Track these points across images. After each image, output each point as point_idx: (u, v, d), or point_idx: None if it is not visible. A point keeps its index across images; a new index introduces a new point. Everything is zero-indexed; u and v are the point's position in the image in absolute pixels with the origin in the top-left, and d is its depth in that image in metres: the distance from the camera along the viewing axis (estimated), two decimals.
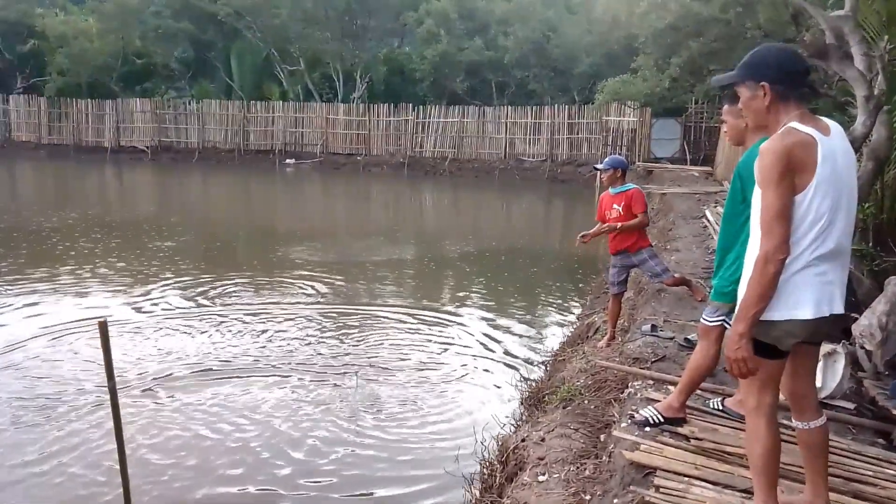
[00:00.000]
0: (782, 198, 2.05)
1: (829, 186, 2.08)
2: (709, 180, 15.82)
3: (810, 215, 2.08)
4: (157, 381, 5.41)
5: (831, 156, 2.09)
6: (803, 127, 2.10)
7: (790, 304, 2.12)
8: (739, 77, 2.25)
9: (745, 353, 2.09)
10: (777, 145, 2.08)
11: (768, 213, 2.07)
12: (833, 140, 2.13)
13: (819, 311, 2.13)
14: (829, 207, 2.09)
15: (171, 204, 16.91)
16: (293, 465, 4.24)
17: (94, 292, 8.04)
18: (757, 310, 2.09)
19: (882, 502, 2.54)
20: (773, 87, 2.16)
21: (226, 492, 3.96)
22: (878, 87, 4.58)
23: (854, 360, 3.69)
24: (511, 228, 14.93)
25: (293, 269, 9.38)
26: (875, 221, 5.50)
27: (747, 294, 2.10)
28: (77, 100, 27.21)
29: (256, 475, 4.12)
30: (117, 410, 2.81)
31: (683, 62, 15.58)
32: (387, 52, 27.27)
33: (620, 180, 5.14)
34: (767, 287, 2.07)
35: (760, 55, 2.23)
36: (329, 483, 4.06)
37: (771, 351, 2.17)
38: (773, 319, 2.13)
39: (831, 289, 2.15)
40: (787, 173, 2.05)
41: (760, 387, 2.21)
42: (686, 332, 4.50)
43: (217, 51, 28.06)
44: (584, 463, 3.24)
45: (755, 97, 2.20)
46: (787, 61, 2.18)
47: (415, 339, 6.58)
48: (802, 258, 2.11)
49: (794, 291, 2.12)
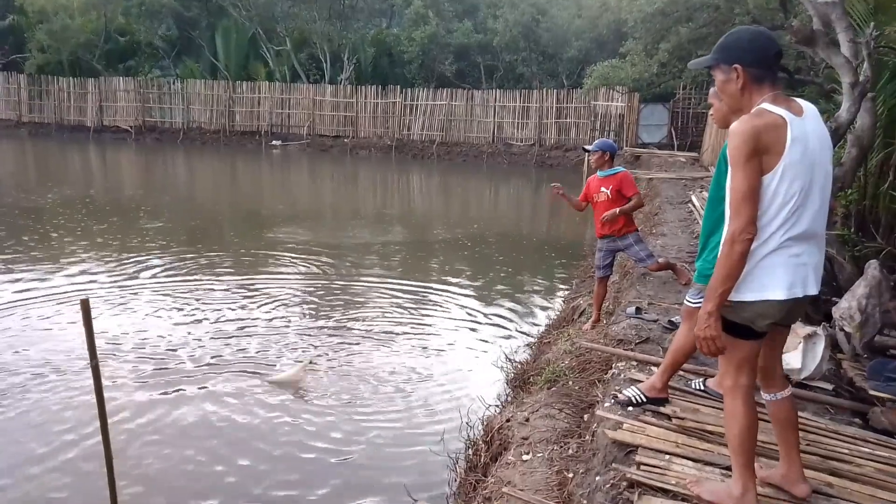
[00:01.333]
0: (749, 179, 2.06)
1: (799, 168, 2.09)
2: (695, 166, 15.91)
3: (779, 197, 2.09)
4: (139, 358, 5.38)
5: (802, 137, 2.10)
6: (774, 108, 2.11)
7: (762, 285, 2.14)
8: (714, 60, 2.26)
9: (713, 332, 2.12)
10: (745, 127, 2.08)
11: (736, 193, 2.08)
12: (805, 121, 2.13)
13: (791, 293, 2.15)
14: (800, 188, 2.10)
15: (155, 185, 16.69)
16: (273, 450, 4.25)
17: (76, 271, 7.95)
18: (724, 289, 2.11)
19: (857, 479, 2.60)
20: (747, 69, 2.16)
21: (209, 467, 3.97)
22: (863, 73, 4.61)
23: (833, 343, 3.76)
24: (498, 212, 14.94)
25: (278, 251, 9.34)
26: (857, 207, 5.57)
27: (715, 273, 2.12)
28: (58, 77, 26.65)
29: (234, 461, 4.13)
30: (100, 389, 2.79)
31: (672, 47, 15.55)
32: (375, 34, 26.94)
33: (608, 163, 5.14)
34: (734, 267, 2.09)
35: (733, 38, 2.23)
36: (312, 465, 4.08)
37: (745, 332, 2.21)
38: (746, 300, 2.16)
39: (805, 270, 2.17)
40: (754, 154, 2.06)
41: (737, 367, 2.25)
42: (670, 315, 4.55)
43: (202, 29, 27.56)
44: (568, 442, 3.29)
45: (729, 80, 2.21)
46: (759, 44, 2.18)
47: (400, 322, 6.60)
48: (773, 240, 2.12)
49: (766, 273, 2.14)
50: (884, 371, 3.29)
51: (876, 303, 3.57)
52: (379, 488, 3.83)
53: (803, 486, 2.38)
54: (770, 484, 2.43)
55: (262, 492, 3.77)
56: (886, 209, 5.34)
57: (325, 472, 4.00)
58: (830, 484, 2.54)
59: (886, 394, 3.16)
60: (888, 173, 5.40)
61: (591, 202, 5.21)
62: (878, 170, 5.60)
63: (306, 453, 4.18)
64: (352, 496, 3.77)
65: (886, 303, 3.63)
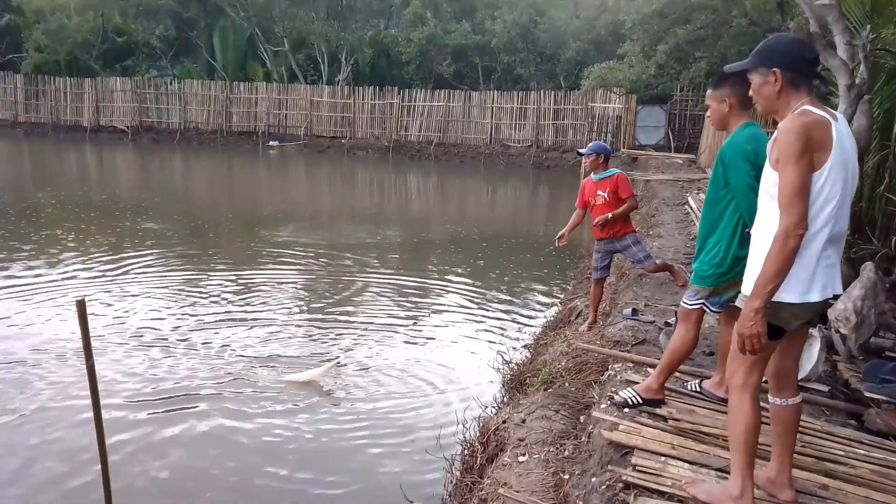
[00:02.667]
0: (802, 175, 2.08)
1: (840, 169, 2.12)
2: (692, 168, 15.93)
3: (823, 195, 2.11)
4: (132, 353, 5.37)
5: (841, 140, 2.14)
6: (817, 109, 2.15)
7: (805, 287, 2.15)
8: (752, 63, 2.30)
9: (759, 329, 2.10)
10: (796, 124, 2.11)
11: (788, 189, 2.08)
12: (840, 126, 2.18)
13: (825, 294, 2.18)
14: (841, 188, 2.14)
15: (152, 185, 16.66)
16: (269, 448, 4.24)
17: (73, 271, 7.93)
18: (774, 285, 2.09)
19: (852, 480, 2.60)
20: (784, 73, 2.20)
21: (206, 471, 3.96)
22: (859, 76, 4.62)
23: (829, 344, 3.76)
24: (495, 214, 14.94)
25: (273, 250, 9.33)
26: (854, 209, 5.58)
27: (764, 269, 2.10)
28: (55, 77, 26.57)
29: (229, 462, 4.12)
30: (96, 390, 2.78)
31: (670, 49, 15.60)
32: (373, 34, 26.93)
33: (603, 166, 5.15)
34: (785, 262, 2.08)
35: (772, 43, 2.28)
36: (304, 465, 4.07)
37: (777, 332, 2.21)
38: (787, 302, 2.16)
39: (833, 271, 2.20)
40: (806, 150, 2.08)
41: (751, 366, 2.25)
42: (666, 316, 4.55)
43: (200, 29, 27.52)
44: (564, 443, 3.28)
45: (766, 83, 2.25)
46: (797, 49, 2.24)
47: (397, 323, 6.59)
48: (818, 239, 2.13)
49: (808, 273, 2.15)
50: (879, 372, 3.29)
51: (871, 304, 3.58)
52: (374, 489, 3.82)
53: (789, 493, 2.38)
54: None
55: (257, 490, 3.76)
56: (882, 211, 5.35)
57: (319, 472, 3.99)
58: (825, 486, 2.54)
59: (882, 395, 3.17)
60: (884, 175, 5.42)
61: (589, 206, 5.21)
62: (874, 172, 5.62)
63: (298, 453, 4.17)
64: (346, 497, 3.76)
65: (882, 304, 3.64)
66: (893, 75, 5.40)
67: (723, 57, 15.40)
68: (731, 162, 2.93)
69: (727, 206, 3.01)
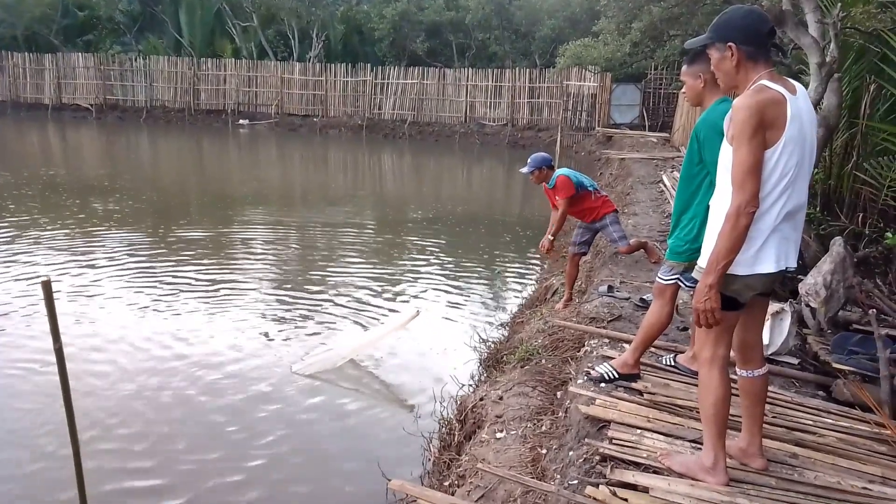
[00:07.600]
0: (754, 153, 2.09)
1: (795, 145, 2.13)
2: (666, 146, 16.08)
3: (777, 171, 2.13)
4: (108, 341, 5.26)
5: (798, 115, 2.14)
6: (773, 84, 2.15)
7: (755, 259, 2.19)
8: (709, 39, 2.30)
9: (713, 304, 2.15)
10: (750, 101, 2.11)
11: (741, 167, 2.10)
12: (798, 100, 2.18)
13: (778, 266, 2.21)
14: (796, 163, 2.15)
15: (118, 164, 16.21)
16: (244, 430, 4.21)
17: (36, 252, 7.70)
18: (726, 261, 2.13)
19: (820, 448, 2.68)
20: (741, 47, 2.20)
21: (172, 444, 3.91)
22: (830, 54, 4.67)
23: (800, 318, 3.85)
24: (471, 193, 14.91)
25: (245, 230, 9.19)
26: (822, 187, 5.69)
27: (717, 246, 2.14)
28: (13, 53, 25.56)
29: (207, 442, 4.08)
30: (65, 372, 2.70)
31: (644, 27, 15.55)
32: (344, 10, 26.39)
33: (548, 175, 5.22)
34: (737, 240, 2.12)
35: (727, 17, 2.27)
36: (282, 442, 4.05)
37: (730, 303, 2.24)
38: (738, 274, 2.20)
39: (787, 245, 2.23)
40: (759, 129, 2.09)
41: (716, 339, 2.29)
42: (641, 293, 4.61)
43: (165, 4, 26.63)
44: (541, 419, 3.31)
45: (724, 58, 2.25)
46: (751, 22, 2.22)
47: (372, 302, 6.56)
48: (771, 214, 2.16)
49: (759, 246, 2.18)
50: (846, 344, 3.38)
51: (840, 279, 3.66)
52: (352, 468, 3.82)
53: (761, 461, 2.45)
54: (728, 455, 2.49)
55: (238, 473, 3.73)
56: (850, 189, 5.46)
57: (296, 450, 3.98)
58: (795, 454, 2.61)
59: (849, 366, 3.25)
60: (852, 153, 5.52)
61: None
62: (842, 150, 5.72)
63: (278, 430, 4.14)
64: (324, 476, 3.76)
65: (850, 279, 3.72)
66: (862, 54, 5.48)
67: (697, 35, 15.43)
68: (706, 138, 2.95)
69: (702, 182, 3.03)
